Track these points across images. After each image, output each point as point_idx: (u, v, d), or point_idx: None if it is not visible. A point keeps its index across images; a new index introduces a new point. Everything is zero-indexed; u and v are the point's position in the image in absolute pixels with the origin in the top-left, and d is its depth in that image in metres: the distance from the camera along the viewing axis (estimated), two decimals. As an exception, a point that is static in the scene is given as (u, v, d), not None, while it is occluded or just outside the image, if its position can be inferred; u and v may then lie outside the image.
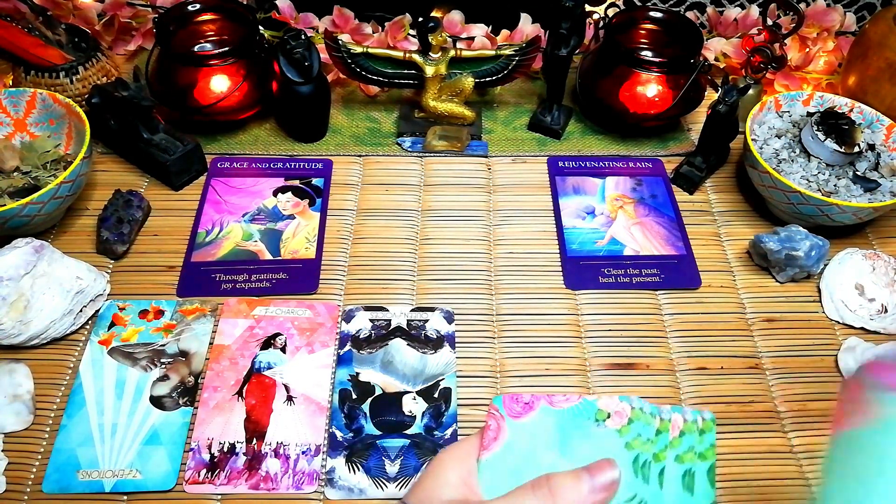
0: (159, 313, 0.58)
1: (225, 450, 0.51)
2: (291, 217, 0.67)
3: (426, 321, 0.59)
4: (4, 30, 0.68)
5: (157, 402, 0.53)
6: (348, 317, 0.59)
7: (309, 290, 0.61)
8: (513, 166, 0.74)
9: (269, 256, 0.64)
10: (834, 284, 0.62)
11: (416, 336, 0.58)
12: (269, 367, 0.55)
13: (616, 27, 0.74)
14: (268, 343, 0.57)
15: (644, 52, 0.77)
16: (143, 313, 0.58)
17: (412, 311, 0.60)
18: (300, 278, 0.61)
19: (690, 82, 0.71)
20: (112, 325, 0.57)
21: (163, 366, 0.55)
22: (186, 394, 0.53)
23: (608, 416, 0.41)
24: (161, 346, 0.56)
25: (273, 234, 0.66)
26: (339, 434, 0.52)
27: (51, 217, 0.62)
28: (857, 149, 0.64)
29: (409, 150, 0.75)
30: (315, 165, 0.72)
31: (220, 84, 0.69)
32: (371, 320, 0.59)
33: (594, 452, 0.38)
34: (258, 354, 0.56)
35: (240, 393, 0.54)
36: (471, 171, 0.73)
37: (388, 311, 0.60)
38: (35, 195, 0.57)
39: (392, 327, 0.58)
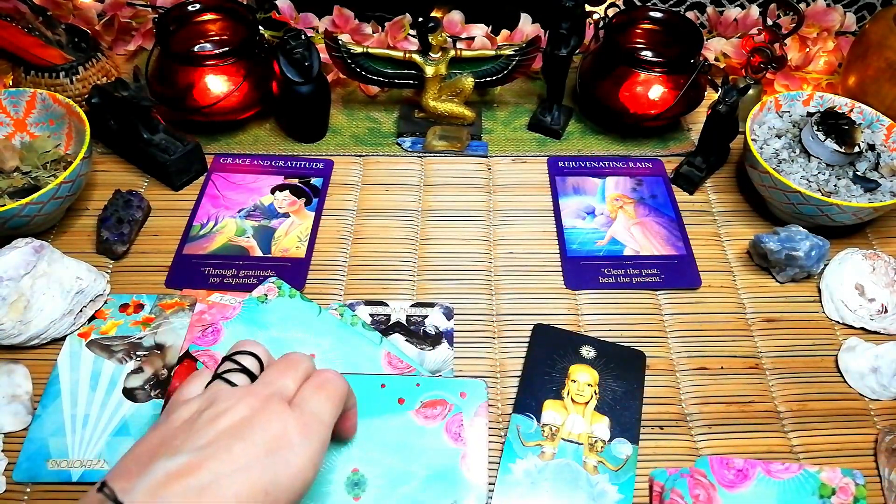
0: (139, 307, 0.59)
1: None
2: (286, 215, 0.67)
3: (425, 317, 0.59)
4: (4, 30, 0.68)
5: (129, 394, 0.53)
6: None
7: (295, 288, 0.61)
8: (513, 166, 0.74)
9: (259, 253, 0.64)
10: (834, 284, 0.62)
11: (414, 332, 0.58)
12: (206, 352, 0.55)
13: (616, 27, 0.74)
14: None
15: (644, 52, 0.77)
16: (124, 307, 0.58)
17: (412, 306, 0.60)
18: (287, 277, 0.61)
19: (690, 82, 0.70)
20: (92, 317, 0.58)
21: (138, 358, 0.55)
22: (159, 386, 0.53)
23: (833, 493, 0.39)
24: (138, 339, 0.56)
25: (266, 231, 0.66)
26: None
27: (51, 217, 0.62)
28: (857, 149, 0.64)
29: (409, 150, 0.75)
30: (316, 165, 0.72)
31: (220, 84, 0.69)
32: (371, 315, 0.59)
33: None
34: (196, 339, 0.56)
35: (169, 372, 0.54)
36: (471, 171, 0.73)
37: (388, 305, 0.60)
38: (35, 195, 0.57)
39: (391, 322, 0.59)
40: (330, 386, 0.38)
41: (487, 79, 0.74)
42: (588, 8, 0.75)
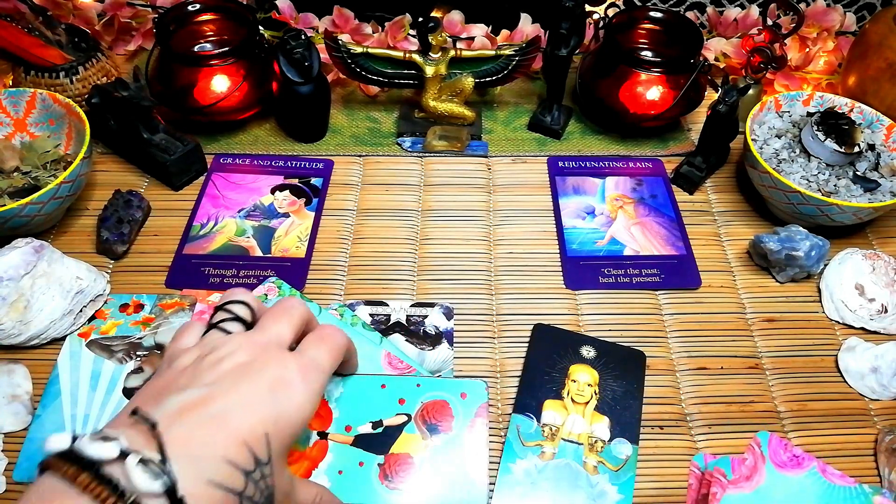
0: (139, 307, 0.59)
1: None
2: (286, 215, 0.67)
3: (425, 317, 0.59)
4: (4, 30, 0.68)
5: (129, 393, 0.53)
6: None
7: (295, 288, 0.61)
8: (513, 166, 0.74)
9: (259, 253, 0.64)
10: (834, 284, 0.62)
11: (414, 332, 0.58)
12: None
13: (616, 27, 0.74)
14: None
15: (644, 52, 0.77)
16: (124, 307, 0.58)
17: (412, 306, 0.60)
18: (287, 277, 0.61)
19: (690, 82, 0.70)
20: (92, 317, 0.58)
21: (138, 358, 0.55)
22: None
23: None
24: (138, 339, 0.56)
25: (266, 231, 0.66)
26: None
27: (51, 217, 0.62)
28: (857, 149, 0.64)
29: (409, 150, 0.75)
30: (316, 165, 0.72)
31: (220, 84, 0.69)
32: (371, 315, 0.59)
33: None
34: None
35: None
36: (471, 171, 0.73)
37: (388, 305, 0.60)
38: (35, 195, 0.57)
39: (391, 322, 0.59)
40: (331, 339, 0.41)
41: (487, 79, 0.74)
42: (588, 8, 0.76)
